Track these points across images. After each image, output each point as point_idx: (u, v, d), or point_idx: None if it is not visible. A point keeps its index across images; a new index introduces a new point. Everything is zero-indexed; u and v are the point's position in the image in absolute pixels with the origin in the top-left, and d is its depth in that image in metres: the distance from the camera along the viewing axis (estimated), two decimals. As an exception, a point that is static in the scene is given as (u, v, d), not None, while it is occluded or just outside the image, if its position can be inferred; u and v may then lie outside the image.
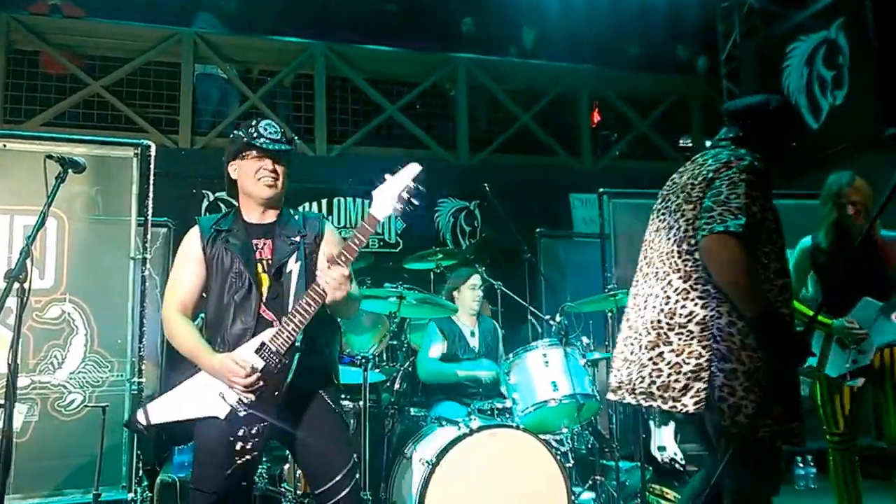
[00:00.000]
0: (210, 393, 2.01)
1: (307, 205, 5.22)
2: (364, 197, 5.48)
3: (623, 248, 5.07)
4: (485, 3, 6.47)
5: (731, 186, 1.95)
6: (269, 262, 2.12)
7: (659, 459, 3.66)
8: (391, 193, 1.93)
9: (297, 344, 2.00)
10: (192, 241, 2.17)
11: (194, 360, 2.06)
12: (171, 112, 5.51)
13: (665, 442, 3.69)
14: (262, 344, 2.00)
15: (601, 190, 4.73)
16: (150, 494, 3.31)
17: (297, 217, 2.23)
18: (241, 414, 1.98)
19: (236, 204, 2.26)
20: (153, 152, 3.44)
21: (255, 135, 2.13)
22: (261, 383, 1.97)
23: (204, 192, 5.16)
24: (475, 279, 3.76)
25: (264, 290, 2.09)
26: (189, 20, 5.76)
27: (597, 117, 6.80)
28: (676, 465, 3.66)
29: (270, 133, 2.14)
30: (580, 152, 6.32)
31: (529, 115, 6.16)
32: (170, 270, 2.27)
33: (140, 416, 2.01)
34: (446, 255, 4.18)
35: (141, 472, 3.26)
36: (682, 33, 6.94)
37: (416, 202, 1.94)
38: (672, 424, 3.79)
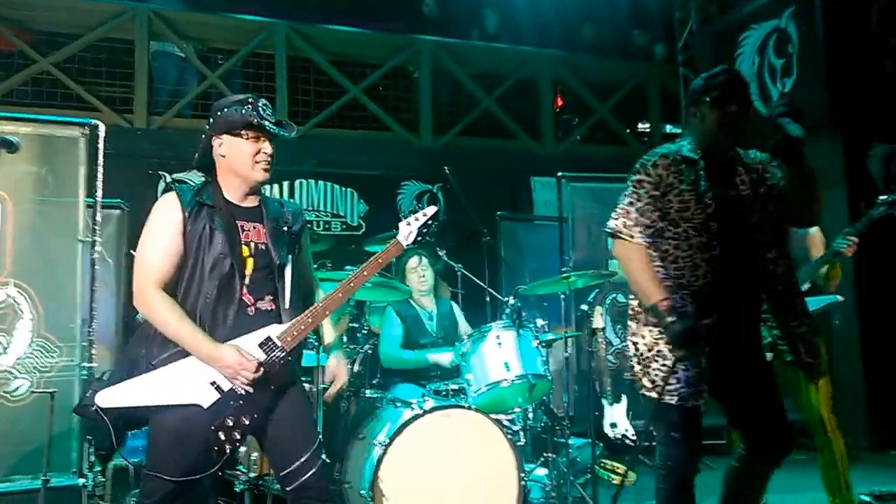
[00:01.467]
0: (195, 380, 1.95)
1: (268, 187, 5.16)
2: (326, 179, 5.44)
3: (581, 232, 5.17)
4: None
5: (627, 189, 2.28)
6: (259, 246, 2.07)
7: (610, 436, 3.77)
8: (415, 226, 2.21)
9: (301, 343, 2.03)
10: (172, 209, 2.02)
11: (187, 345, 1.94)
12: (126, 91, 5.34)
13: (616, 419, 3.80)
14: (268, 339, 1.99)
15: (560, 174, 4.80)
16: (102, 479, 3.28)
17: (276, 204, 2.19)
18: (233, 404, 1.95)
19: (205, 179, 2.14)
20: (102, 132, 3.36)
21: (258, 115, 2.05)
22: (263, 377, 1.96)
23: (160, 173, 5.04)
24: (413, 261, 3.77)
25: (247, 273, 2.03)
26: None
27: (559, 101, 6.85)
28: (627, 441, 3.79)
29: (270, 115, 2.09)
30: (542, 136, 6.36)
31: (492, 98, 6.17)
32: (126, 253, 2.17)
33: (98, 400, 1.93)
34: (403, 238, 4.15)
35: (93, 457, 3.24)
36: (641, 20, 7.00)
37: (430, 236, 2.27)
38: (624, 401, 3.90)
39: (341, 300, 2.07)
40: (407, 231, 2.20)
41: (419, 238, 2.20)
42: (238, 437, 1.97)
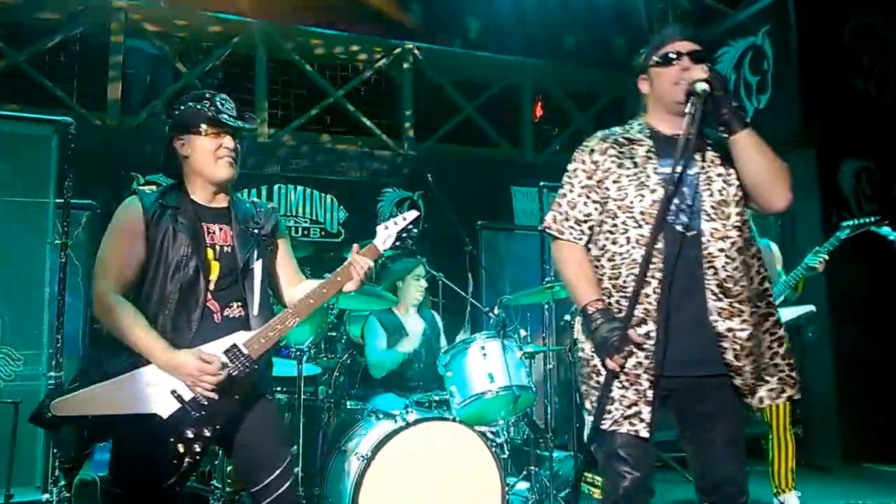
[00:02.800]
0: (155, 390, 1.87)
1: (245, 191, 5.05)
2: (305, 184, 5.35)
3: (562, 242, 5.20)
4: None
5: (562, 180, 2.00)
6: (224, 249, 2.00)
7: (591, 448, 3.77)
8: (394, 231, 2.10)
9: (270, 350, 1.95)
10: (133, 212, 1.96)
11: (145, 352, 1.86)
12: (99, 89, 5.18)
13: (597, 431, 3.80)
14: (234, 346, 1.91)
15: (541, 183, 4.80)
16: (67, 495, 3.14)
17: (248, 205, 2.12)
18: (195, 415, 1.88)
19: (172, 182, 2.07)
20: (74, 130, 3.23)
21: (215, 109, 1.98)
22: (227, 385, 1.88)
23: (133, 174, 4.89)
24: (420, 270, 3.75)
25: (212, 277, 1.96)
26: None
27: (539, 111, 6.88)
28: (607, 454, 3.77)
29: (229, 109, 2.02)
30: (522, 145, 6.38)
31: (473, 106, 6.15)
32: (96, 253, 2.06)
33: (53, 408, 1.84)
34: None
35: (58, 471, 3.09)
36: (623, 31, 7.08)
37: (410, 241, 2.14)
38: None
39: (313, 306, 1.98)
40: (384, 236, 2.10)
41: (398, 243, 2.10)
42: (198, 449, 1.89)
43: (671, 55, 1.88)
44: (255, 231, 2.04)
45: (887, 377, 4.75)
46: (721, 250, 1.80)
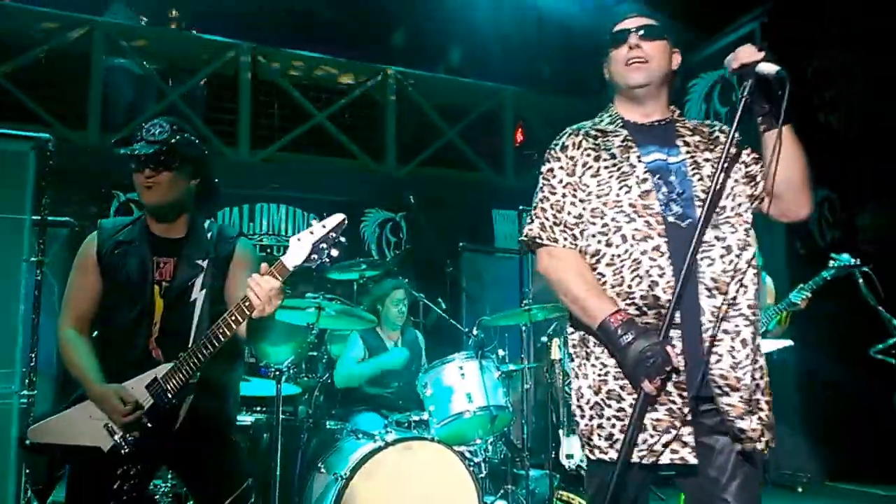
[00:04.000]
0: (97, 423, 1.88)
1: (227, 210, 5.04)
2: (288, 203, 5.36)
3: (541, 264, 5.26)
4: (419, 18, 6.53)
5: (537, 185, 1.73)
6: (165, 284, 1.96)
7: (566, 467, 3.79)
8: (308, 242, 1.79)
9: (192, 384, 1.87)
10: (89, 246, 2.02)
11: (81, 383, 1.92)
12: (80, 106, 5.16)
13: (573, 450, 3.82)
14: (154, 380, 1.87)
15: (521, 207, 4.87)
16: (38, 516, 3.07)
17: (210, 234, 2.05)
18: (128, 450, 1.86)
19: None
20: (52, 147, 3.22)
21: (130, 146, 1.96)
22: (145, 421, 1.84)
23: (114, 192, 4.86)
24: (400, 293, 3.78)
25: (157, 319, 1.94)
26: (101, 9, 5.43)
27: (520, 136, 7.00)
28: (583, 472, 3.80)
29: (148, 135, 1.95)
30: (504, 169, 6.48)
31: (455, 130, 6.25)
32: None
33: (29, 434, 1.90)
34: (370, 266, 4.17)
35: (30, 492, 3.03)
36: (598, 61, 7.26)
37: (335, 253, 1.81)
38: (581, 434, 3.93)
39: (227, 336, 1.83)
40: (296, 250, 1.79)
41: (314, 256, 1.78)
42: (138, 482, 1.88)
43: (621, 34, 1.70)
44: (200, 260, 1.98)
45: (851, 396, 4.86)
46: (718, 238, 1.57)
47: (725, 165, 1.58)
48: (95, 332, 2.03)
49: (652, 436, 1.51)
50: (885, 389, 3.58)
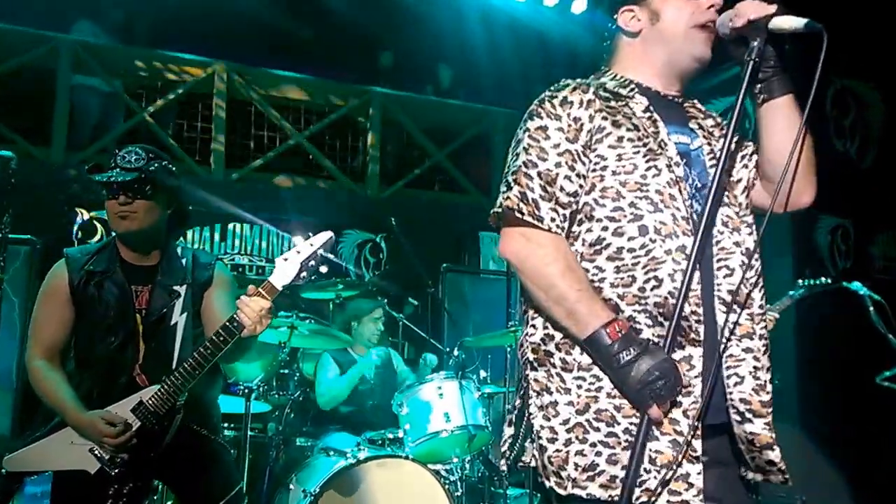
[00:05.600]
0: (80, 448, 1.89)
1: (198, 230, 4.94)
2: (263, 224, 5.28)
3: (526, 287, 5.22)
4: (404, 38, 6.58)
5: (515, 146, 1.38)
6: (143, 311, 1.98)
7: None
8: (296, 262, 1.82)
9: (179, 405, 1.89)
10: (59, 278, 1.99)
11: (59, 413, 1.92)
12: (45, 123, 5.02)
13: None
14: (140, 403, 1.88)
15: (509, 230, 4.83)
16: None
17: (184, 259, 2.07)
18: (117, 472, 1.87)
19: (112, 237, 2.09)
20: (14, 165, 3.19)
21: (107, 174, 1.96)
22: (134, 442, 1.86)
23: (78, 209, 4.74)
24: (378, 312, 3.77)
25: (141, 347, 1.96)
26: (69, 26, 5.28)
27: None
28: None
29: (124, 162, 1.96)
30: (492, 192, 6.47)
31: (444, 152, 6.24)
32: (31, 293, 2.10)
33: (6, 464, 1.91)
34: (346, 286, 4.12)
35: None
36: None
37: (323, 270, 1.88)
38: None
39: (214, 355, 1.86)
40: (284, 270, 1.81)
41: (303, 274, 1.81)
42: (133, 499, 1.89)
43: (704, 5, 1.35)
44: (177, 286, 2.00)
45: (847, 425, 4.74)
46: (736, 244, 1.35)
47: (732, 149, 1.32)
48: (72, 365, 2.02)
49: (648, 471, 1.21)
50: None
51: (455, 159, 6.31)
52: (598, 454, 1.24)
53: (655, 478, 1.21)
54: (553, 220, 1.30)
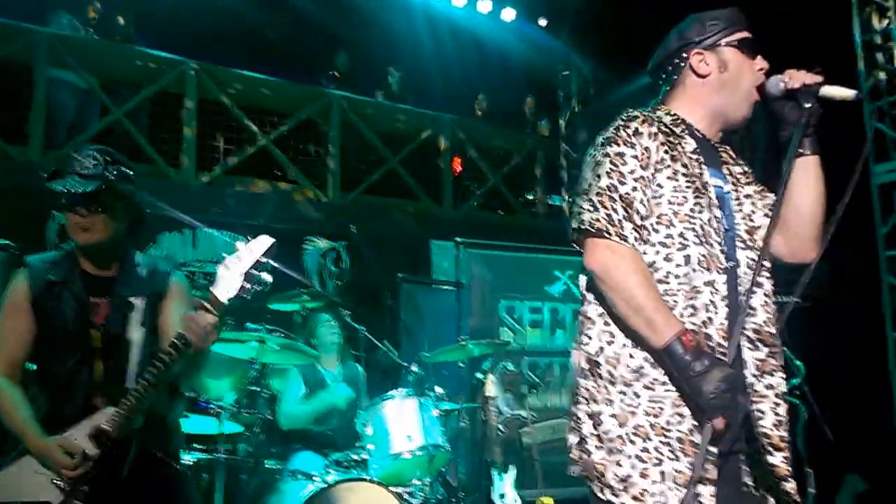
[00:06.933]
0: (42, 478, 1.82)
1: (167, 234, 4.89)
2: (230, 230, 5.27)
3: (476, 298, 5.41)
4: (361, 42, 6.58)
5: (594, 167, 1.49)
6: (103, 327, 1.90)
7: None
8: (238, 270, 1.74)
9: (135, 428, 1.83)
10: (19, 290, 1.91)
11: (20, 437, 1.83)
12: (20, 121, 4.83)
13: (505, 489, 4.00)
14: (97, 428, 1.80)
15: (457, 239, 4.99)
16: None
17: (142, 270, 1.99)
18: (78, 501, 1.81)
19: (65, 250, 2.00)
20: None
21: (67, 186, 1.84)
22: (93, 473, 1.80)
23: (52, 212, 4.49)
24: (327, 316, 3.85)
25: (98, 366, 1.89)
26: (44, 19, 5.14)
27: (458, 167, 7.16)
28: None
29: (81, 168, 1.87)
30: (442, 200, 6.61)
31: (396, 158, 6.29)
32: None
33: None
34: (312, 297, 4.20)
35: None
36: (534, 94, 7.57)
37: (268, 279, 1.77)
38: (512, 472, 4.12)
39: (162, 376, 1.80)
40: (227, 279, 1.74)
41: (247, 286, 1.74)
42: None
43: (752, 44, 1.51)
44: (134, 298, 1.92)
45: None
46: (758, 285, 1.46)
47: (756, 196, 1.53)
48: (31, 383, 1.95)
49: (670, 488, 1.33)
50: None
51: (408, 165, 6.35)
52: (633, 467, 1.36)
53: (673, 494, 1.33)
54: (636, 238, 1.44)
